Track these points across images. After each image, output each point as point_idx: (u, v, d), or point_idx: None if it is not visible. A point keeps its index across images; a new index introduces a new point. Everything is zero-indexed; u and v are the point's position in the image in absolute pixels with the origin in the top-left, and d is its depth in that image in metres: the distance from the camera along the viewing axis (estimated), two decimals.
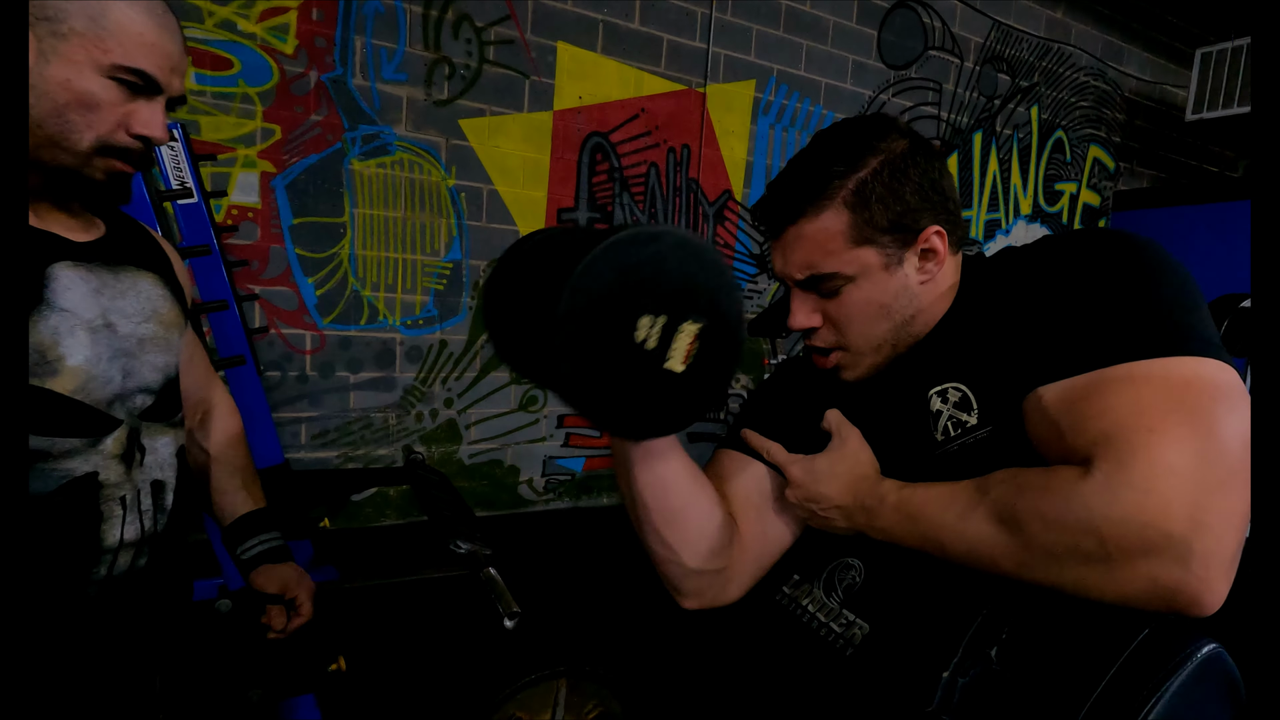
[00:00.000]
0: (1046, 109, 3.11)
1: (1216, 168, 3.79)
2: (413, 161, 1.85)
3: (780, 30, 2.37)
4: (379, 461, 1.86)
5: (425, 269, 1.89)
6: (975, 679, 0.58)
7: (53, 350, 0.73)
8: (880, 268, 0.69)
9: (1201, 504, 0.50)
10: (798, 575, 0.76)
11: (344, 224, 1.78)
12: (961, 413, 0.67)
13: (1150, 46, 3.40)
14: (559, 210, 2.07)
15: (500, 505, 2.08)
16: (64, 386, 0.74)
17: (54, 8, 0.69)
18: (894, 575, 0.67)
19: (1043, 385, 0.58)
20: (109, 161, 0.74)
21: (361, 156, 1.79)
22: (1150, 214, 3.20)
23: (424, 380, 1.91)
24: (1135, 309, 0.58)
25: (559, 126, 2.03)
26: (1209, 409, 0.52)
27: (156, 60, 0.74)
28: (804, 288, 0.72)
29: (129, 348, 0.81)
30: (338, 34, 1.73)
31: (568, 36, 2.01)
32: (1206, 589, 0.50)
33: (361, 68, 1.76)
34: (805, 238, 0.69)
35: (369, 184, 1.80)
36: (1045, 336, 0.60)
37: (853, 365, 0.74)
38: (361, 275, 1.81)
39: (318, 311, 1.76)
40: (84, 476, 0.77)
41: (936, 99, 2.77)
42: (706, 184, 2.31)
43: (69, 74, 0.70)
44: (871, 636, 0.67)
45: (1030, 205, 3.15)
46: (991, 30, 2.86)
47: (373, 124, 1.79)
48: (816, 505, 0.72)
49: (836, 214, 0.68)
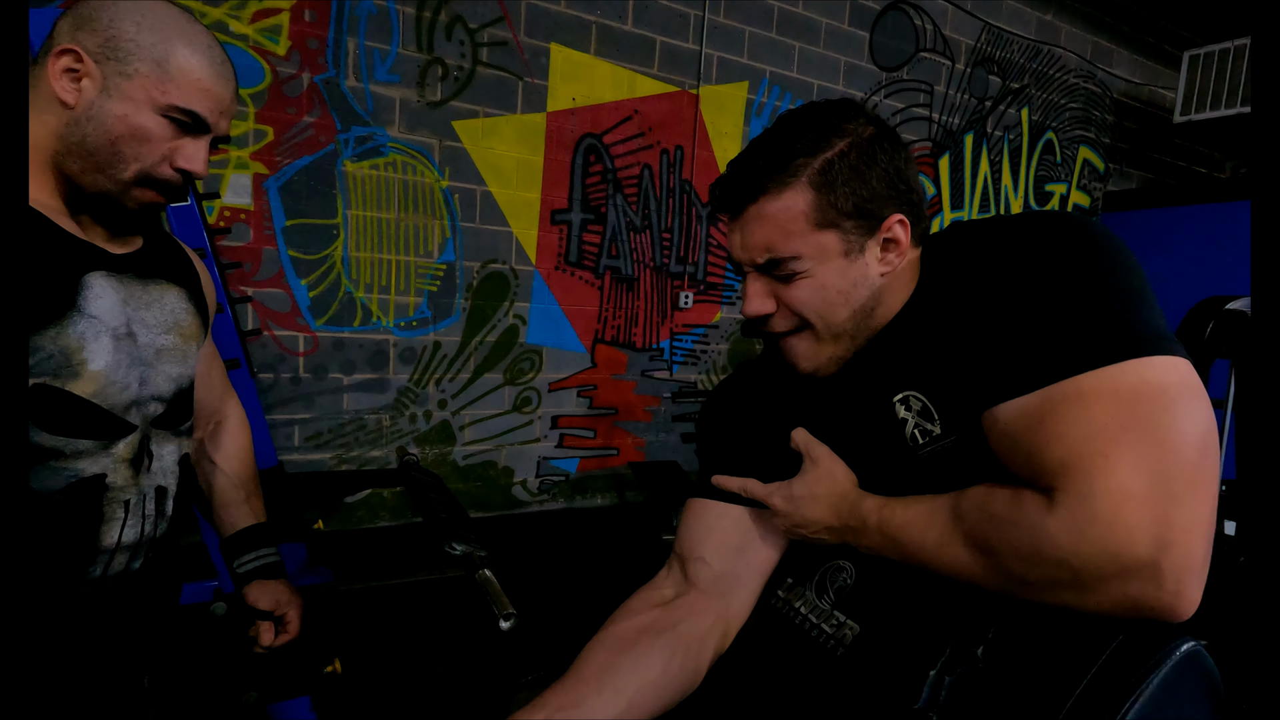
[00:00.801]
0: (1037, 110, 3.13)
1: (1204, 169, 3.83)
2: (406, 163, 1.85)
3: (773, 32, 2.39)
4: (373, 463, 1.86)
5: (419, 270, 1.89)
6: (961, 677, 0.60)
7: (77, 354, 0.76)
8: (841, 254, 0.67)
9: (1164, 522, 0.51)
10: (791, 579, 0.77)
11: (337, 225, 1.78)
12: (926, 422, 0.67)
13: (1139, 49, 3.43)
14: (552, 211, 2.08)
15: (494, 506, 2.09)
16: (84, 390, 0.77)
17: (124, 50, 0.75)
18: (884, 576, 0.68)
19: (996, 405, 0.58)
20: (145, 192, 0.79)
21: (354, 158, 1.79)
22: (1139, 215, 3.23)
23: (418, 382, 1.92)
24: (1079, 313, 0.57)
25: (552, 128, 2.04)
26: (1159, 420, 0.53)
27: (209, 104, 0.79)
28: (762, 271, 0.69)
29: (147, 356, 0.84)
30: (330, 35, 1.73)
31: (561, 38, 2.02)
32: (1179, 600, 0.52)
33: (354, 69, 1.76)
34: (766, 217, 0.67)
35: (362, 185, 1.80)
36: (994, 350, 0.60)
37: (813, 355, 0.72)
38: (355, 277, 1.81)
39: (311, 313, 1.76)
40: (91, 478, 0.79)
41: (928, 101, 2.79)
42: (700, 185, 2.32)
43: (128, 110, 0.75)
44: (862, 637, 0.68)
45: (1021, 206, 3.17)
46: (982, 32, 2.88)
47: (366, 125, 1.79)
48: (806, 530, 0.73)
49: (800, 193, 0.66)
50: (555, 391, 2.16)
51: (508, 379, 2.07)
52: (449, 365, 1.96)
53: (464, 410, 2.01)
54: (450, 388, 1.97)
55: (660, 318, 2.31)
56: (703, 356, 2.42)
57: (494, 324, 2.02)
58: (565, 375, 2.17)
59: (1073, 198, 3.36)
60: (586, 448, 2.23)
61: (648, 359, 2.31)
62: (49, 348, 0.74)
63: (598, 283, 2.18)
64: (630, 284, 2.24)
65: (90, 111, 0.75)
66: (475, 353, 2.00)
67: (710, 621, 0.76)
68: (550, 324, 2.12)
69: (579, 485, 2.23)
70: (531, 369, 2.11)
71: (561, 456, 2.19)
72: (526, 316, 2.08)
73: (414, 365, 1.91)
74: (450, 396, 1.98)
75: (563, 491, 2.20)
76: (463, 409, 2.01)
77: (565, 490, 2.21)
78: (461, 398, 2.00)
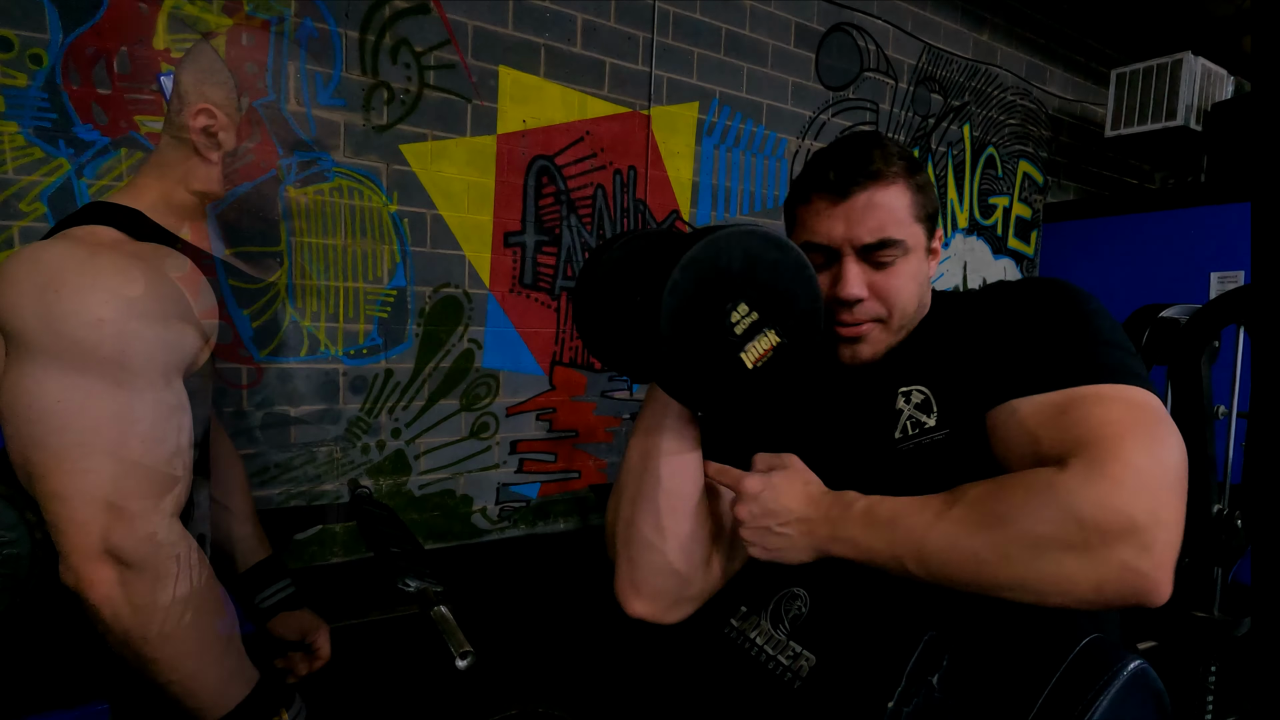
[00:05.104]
0: (978, 127, 3.24)
1: (1136, 180, 4.02)
2: (352, 188, 1.81)
3: (721, 53, 2.42)
4: (324, 497, 1.79)
5: (368, 297, 1.84)
6: (918, 708, 0.59)
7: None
8: (923, 250, 0.78)
9: (1159, 501, 0.56)
10: (745, 607, 0.76)
11: (279, 253, 1.73)
12: (921, 414, 0.71)
13: (1070, 67, 3.59)
14: (505, 234, 2.05)
15: (454, 536, 2.03)
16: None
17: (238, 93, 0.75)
18: (839, 604, 0.68)
19: (1016, 398, 0.64)
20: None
21: (298, 184, 1.74)
22: (1077, 224, 3.36)
23: (369, 411, 1.86)
24: (1094, 344, 0.66)
25: (503, 150, 2.02)
26: (1158, 428, 0.60)
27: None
28: (862, 255, 0.75)
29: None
30: (270, 59, 1.68)
31: (510, 60, 2.01)
32: (1164, 578, 0.56)
33: (296, 93, 1.72)
34: (878, 204, 0.74)
35: (306, 212, 1.75)
36: (1016, 356, 0.67)
37: (879, 345, 0.78)
38: (300, 305, 1.75)
39: (254, 344, 1.70)
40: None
41: (874, 119, 2.86)
42: (654, 204, 2.32)
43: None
44: (819, 668, 0.67)
45: (967, 219, 3.27)
46: (923, 53, 2.98)
47: (309, 150, 1.75)
48: (774, 521, 0.70)
49: (903, 190, 0.75)
50: (513, 416, 2.12)
51: (464, 404, 2.03)
52: (402, 393, 1.91)
53: (419, 439, 1.96)
54: (404, 416, 1.92)
55: None
56: None
57: (448, 349, 1.98)
58: (523, 399, 2.14)
59: (1015, 210, 3.49)
60: (547, 471, 2.20)
61: (607, 379, 2.29)
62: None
63: (554, 304, 2.16)
64: None
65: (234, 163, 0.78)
66: (430, 379, 1.95)
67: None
68: (506, 347, 2.08)
69: (540, 510, 2.20)
70: (488, 394, 2.07)
71: (522, 482, 2.15)
72: (482, 340, 2.04)
73: (365, 394, 1.85)
74: (404, 425, 1.92)
75: (524, 517, 2.16)
76: (417, 437, 1.96)
77: (527, 516, 2.17)
78: (416, 425, 1.95)
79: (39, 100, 1.43)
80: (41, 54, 1.43)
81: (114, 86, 1.50)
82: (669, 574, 0.75)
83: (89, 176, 1.49)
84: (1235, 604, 1.64)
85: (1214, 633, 1.60)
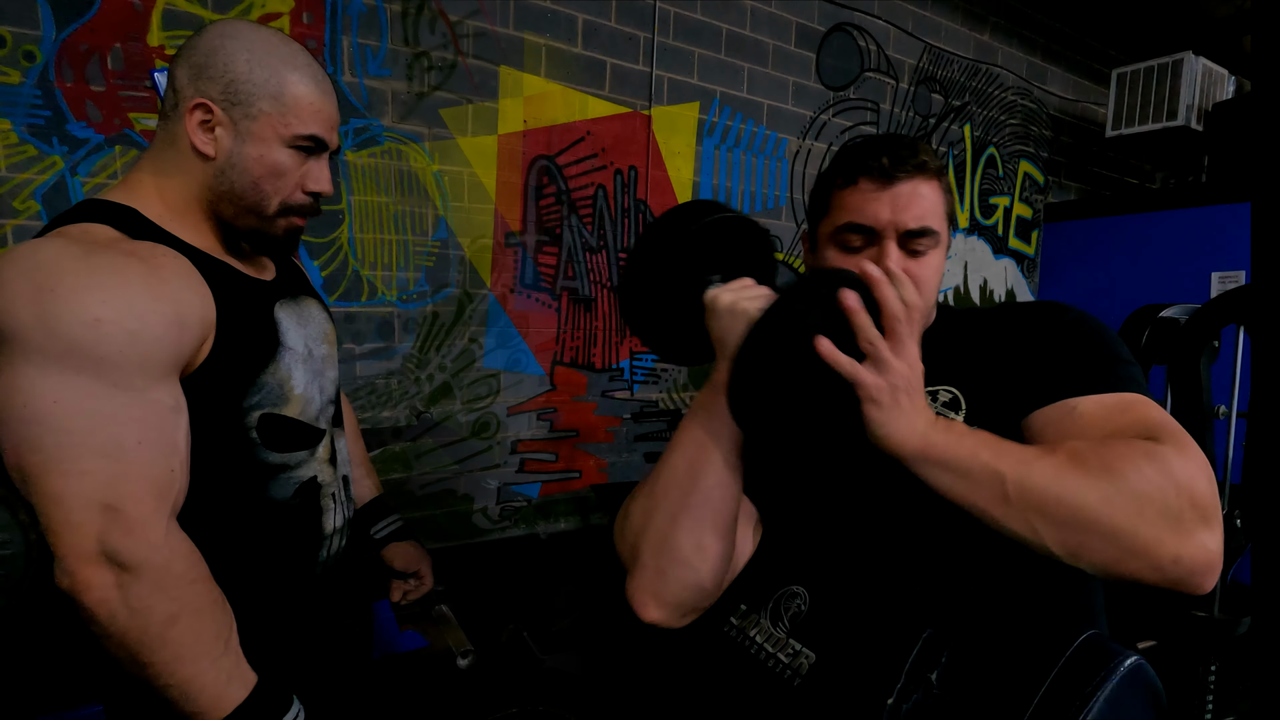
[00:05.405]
0: (978, 127, 3.24)
1: (1136, 180, 4.02)
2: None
3: (722, 53, 2.42)
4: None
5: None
6: (917, 705, 0.59)
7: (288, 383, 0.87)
8: (947, 246, 0.82)
9: (1215, 495, 0.60)
10: (744, 605, 0.76)
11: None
12: (949, 411, 0.73)
13: (1071, 67, 3.59)
14: (506, 234, 2.06)
15: (454, 536, 2.04)
16: (292, 411, 0.88)
17: (245, 92, 0.79)
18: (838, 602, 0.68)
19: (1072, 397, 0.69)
20: (289, 220, 0.86)
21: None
22: (1077, 225, 3.36)
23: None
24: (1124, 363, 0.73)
25: (504, 150, 2.03)
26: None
27: (323, 124, 0.85)
28: (901, 241, 0.78)
29: (320, 368, 0.95)
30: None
31: (511, 60, 2.02)
32: (1217, 564, 0.59)
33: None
34: (922, 195, 0.78)
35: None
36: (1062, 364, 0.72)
37: None
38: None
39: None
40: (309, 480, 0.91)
41: (875, 119, 2.87)
42: (655, 204, 2.33)
43: (262, 150, 0.81)
44: (818, 666, 0.67)
45: (968, 219, 3.27)
46: (923, 53, 2.98)
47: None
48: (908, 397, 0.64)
49: (939, 188, 0.80)
50: (514, 415, 2.13)
51: (465, 404, 2.03)
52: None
53: (421, 438, 1.97)
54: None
55: (619, 337, 2.30)
56: (663, 375, 2.42)
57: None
58: (524, 399, 2.14)
59: (1016, 210, 3.49)
60: (548, 471, 2.20)
61: (607, 379, 2.29)
62: (270, 382, 0.84)
63: (554, 304, 2.16)
64: (587, 304, 2.23)
65: (231, 159, 0.80)
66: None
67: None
68: (507, 347, 2.09)
69: (541, 510, 2.20)
70: (489, 393, 2.08)
71: (523, 481, 2.16)
72: (483, 340, 2.05)
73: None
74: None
75: (525, 517, 2.17)
76: (420, 436, 1.96)
77: (528, 515, 2.17)
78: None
79: (32, 97, 1.43)
80: (35, 51, 1.43)
81: (108, 83, 1.50)
82: (696, 590, 0.73)
83: (83, 174, 1.49)
84: (1235, 604, 1.65)
85: (1214, 632, 1.60)
